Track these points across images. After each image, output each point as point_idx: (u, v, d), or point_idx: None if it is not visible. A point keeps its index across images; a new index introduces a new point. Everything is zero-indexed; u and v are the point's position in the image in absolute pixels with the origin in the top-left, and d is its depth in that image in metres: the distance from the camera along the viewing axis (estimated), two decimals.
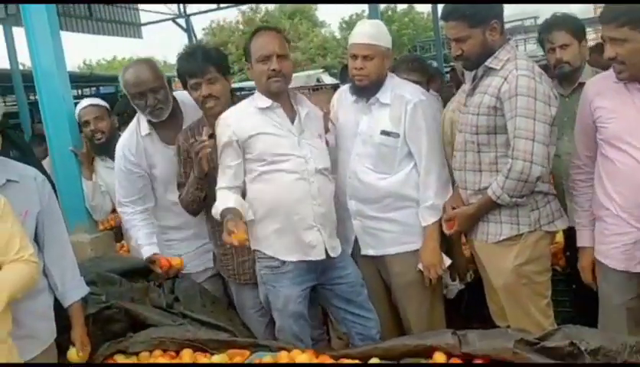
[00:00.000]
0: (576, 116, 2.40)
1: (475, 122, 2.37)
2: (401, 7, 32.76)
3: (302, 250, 2.48)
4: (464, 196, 2.52)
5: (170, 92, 2.81)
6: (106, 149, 3.18)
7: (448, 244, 2.76)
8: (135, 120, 2.91)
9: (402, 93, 2.61)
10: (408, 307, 2.74)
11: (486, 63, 2.35)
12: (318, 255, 2.49)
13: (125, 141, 2.88)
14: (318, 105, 2.73)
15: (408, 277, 2.68)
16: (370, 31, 2.59)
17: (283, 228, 2.46)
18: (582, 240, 2.42)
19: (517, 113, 2.25)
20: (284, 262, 2.48)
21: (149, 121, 2.83)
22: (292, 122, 2.49)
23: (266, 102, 2.47)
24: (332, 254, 2.52)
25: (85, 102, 3.33)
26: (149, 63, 2.87)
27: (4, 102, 17.72)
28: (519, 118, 2.25)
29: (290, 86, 2.62)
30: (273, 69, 2.41)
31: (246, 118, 2.46)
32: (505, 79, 2.29)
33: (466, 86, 2.52)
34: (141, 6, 17.12)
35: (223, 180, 2.48)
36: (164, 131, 2.84)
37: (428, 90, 3.04)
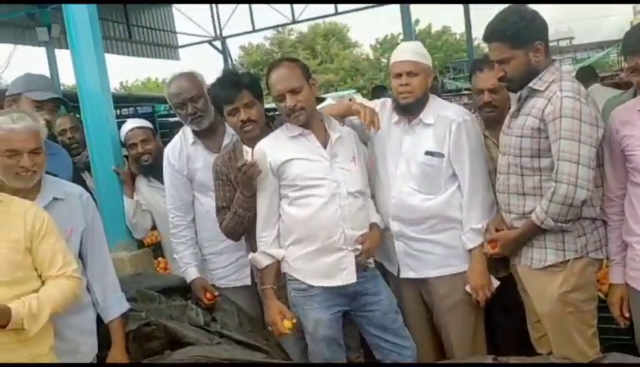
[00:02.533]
0: None
1: (519, 145, 2.34)
2: (435, 28, 32.81)
3: (331, 275, 2.48)
4: (507, 220, 2.47)
5: (210, 102, 2.85)
6: (153, 170, 3.24)
7: None
8: (181, 131, 3.01)
9: (446, 113, 2.60)
10: (452, 330, 2.69)
11: (530, 85, 2.32)
12: (347, 280, 2.49)
13: (171, 148, 2.99)
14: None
15: (453, 300, 2.65)
16: (413, 49, 2.64)
17: (314, 252, 2.48)
18: (614, 277, 2.39)
19: (562, 135, 2.21)
20: (312, 286, 2.49)
21: (193, 131, 2.92)
22: (325, 147, 2.52)
23: (297, 130, 2.51)
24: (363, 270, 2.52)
25: (131, 124, 3.39)
26: (189, 74, 2.94)
27: None
28: (563, 140, 2.20)
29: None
30: (289, 108, 2.45)
31: (279, 146, 2.51)
32: (549, 100, 2.25)
33: (511, 108, 2.48)
34: (178, 28, 17.55)
35: (262, 212, 2.54)
36: (207, 140, 2.94)
37: None
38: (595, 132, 2.22)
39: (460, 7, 16.15)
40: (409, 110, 2.62)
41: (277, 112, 2.69)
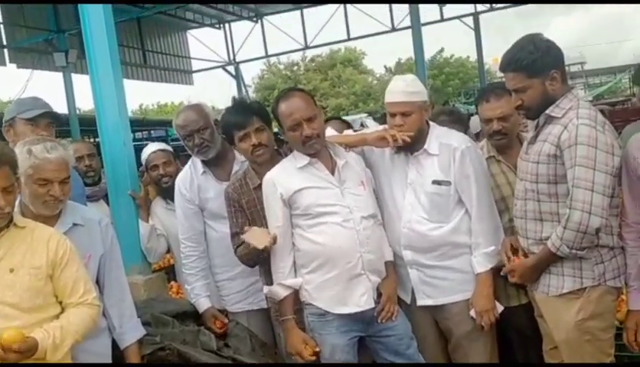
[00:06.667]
0: None
1: (536, 170, 2.34)
2: (457, 56, 33.43)
3: (349, 301, 2.49)
4: (524, 245, 2.47)
5: (217, 132, 2.89)
6: (171, 192, 3.26)
7: None
8: (190, 161, 3.04)
9: (448, 142, 2.62)
10: (471, 354, 2.65)
11: (547, 112, 2.33)
12: (367, 304, 2.50)
13: (181, 178, 3.02)
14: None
15: (471, 324, 2.62)
16: (406, 88, 2.58)
17: (332, 278, 2.48)
18: (633, 303, 2.37)
19: (577, 162, 2.21)
20: (329, 311, 2.50)
21: (202, 160, 2.95)
22: (333, 173, 2.54)
23: (304, 160, 2.53)
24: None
25: (153, 147, 3.45)
26: (195, 106, 3.00)
27: None
28: (578, 167, 2.21)
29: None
30: (306, 136, 2.46)
31: (289, 176, 2.53)
32: (565, 127, 2.26)
33: (528, 134, 2.49)
34: (192, 54, 17.80)
35: (277, 244, 2.50)
36: (216, 169, 2.97)
37: None
38: (611, 160, 2.21)
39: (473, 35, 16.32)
40: (406, 147, 2.60)
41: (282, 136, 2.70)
